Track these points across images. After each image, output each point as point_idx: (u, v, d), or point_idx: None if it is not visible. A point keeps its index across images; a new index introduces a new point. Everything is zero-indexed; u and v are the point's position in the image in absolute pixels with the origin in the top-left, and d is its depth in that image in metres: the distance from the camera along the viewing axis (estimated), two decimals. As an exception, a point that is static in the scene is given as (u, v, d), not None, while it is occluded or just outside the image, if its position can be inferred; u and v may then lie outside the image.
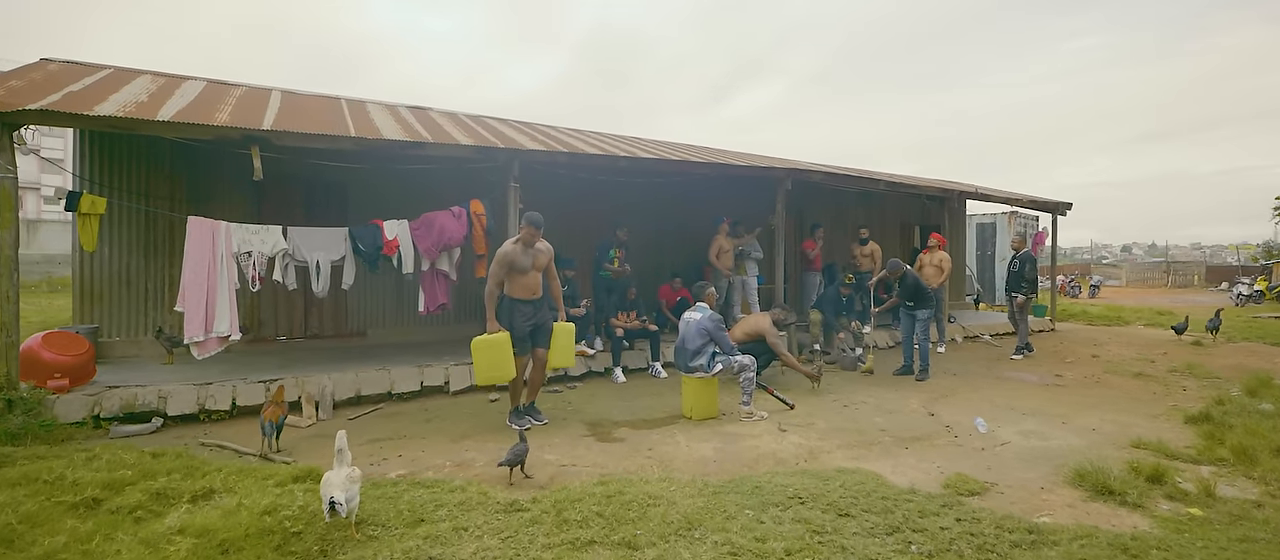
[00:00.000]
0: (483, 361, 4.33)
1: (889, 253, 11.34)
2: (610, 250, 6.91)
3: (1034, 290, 8.39)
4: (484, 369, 4.33)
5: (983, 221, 15.70)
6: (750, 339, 6.00)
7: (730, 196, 9.46)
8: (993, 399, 5.79)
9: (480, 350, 4.33)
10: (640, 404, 5.40)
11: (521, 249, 4.47)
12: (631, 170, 7.41)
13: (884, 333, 9.03)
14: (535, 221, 4.47)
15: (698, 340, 4.80)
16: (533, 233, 4.46)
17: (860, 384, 6.39)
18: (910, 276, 6.90)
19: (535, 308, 4.55)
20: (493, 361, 4.34)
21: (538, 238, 4.50)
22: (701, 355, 4.79)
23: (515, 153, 5.96)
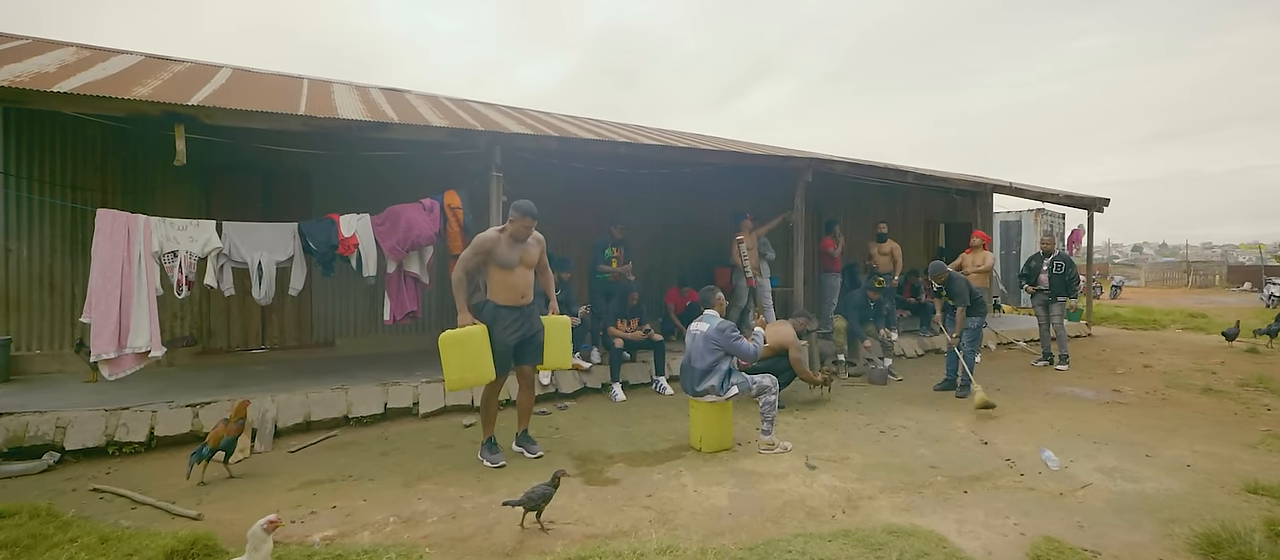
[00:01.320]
0: (454, 360, 3.55)
1: (911, 252, 10.51)
2: (606, 249, 6.10)
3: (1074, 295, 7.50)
4: (456, 369, 3.55)
5: (1007, 220, 14.80)
6: (772, 353, 5.18)
7: (744, 191, 8.66)
8: (1051, 421, 4.95)
9: (451, 347, 3.55)
10: (641, 430, 4.60)
11: (507, 241, 3.67)
12: (633, 159, 6.62)
13: (911, 339, 8.19)
14: (526, 210, 3.66)
15: (707, 357, 3.99)
16: (524, 224, 3.66)
17: (894, 402, 5.56)
18: (958, 280, 6.06)
19: (523, 316, 3.76)
20: (466, 360, 3.56)
21: (529, 231, 3.70)
22: (712, 375, 3.98)
23: (496, 136, 5.17)
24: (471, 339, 3.57)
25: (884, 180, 8.59)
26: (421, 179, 5.69)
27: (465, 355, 3.56)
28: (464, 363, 3.56)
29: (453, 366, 3.55)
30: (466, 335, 3.56)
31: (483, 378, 3.62)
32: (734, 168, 7.74)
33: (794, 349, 5.13)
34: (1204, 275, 29.86)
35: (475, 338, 3.58)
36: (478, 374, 3.60)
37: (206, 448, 3.50)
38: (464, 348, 3.56)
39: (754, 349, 3.99)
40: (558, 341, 3.93)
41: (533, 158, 6.31)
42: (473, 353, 3.57)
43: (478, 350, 3.58)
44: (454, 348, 3.55)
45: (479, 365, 3.59)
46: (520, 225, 3.65)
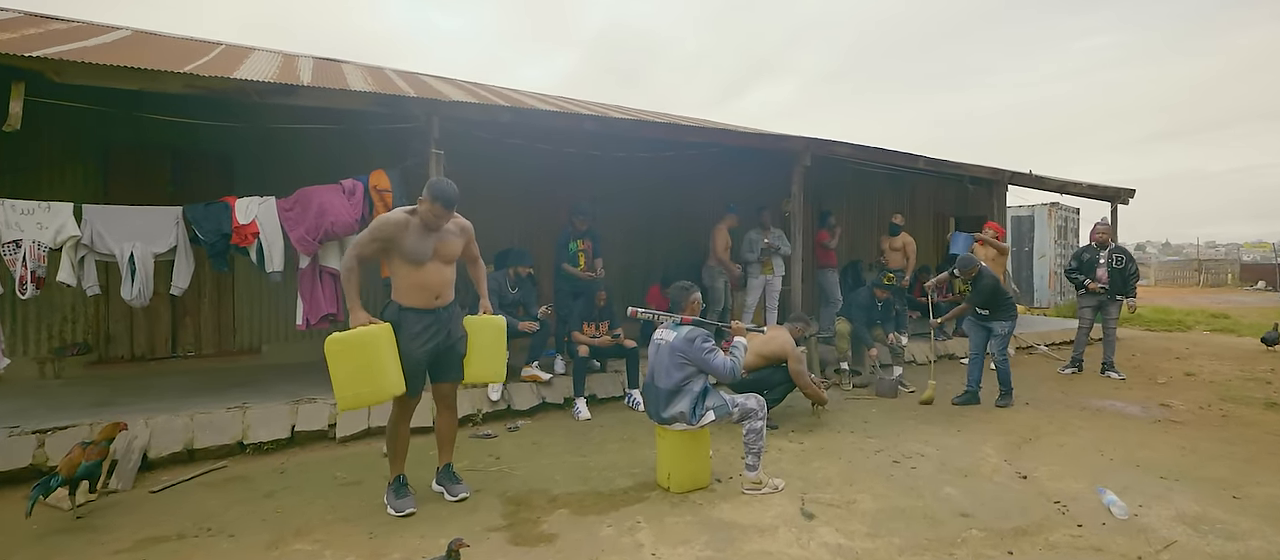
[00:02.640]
0: (345, 372, 2.70)
1: (919, 248, 9.66)
2: (570, 242, 5.26)
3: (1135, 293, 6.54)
4: (348, 383, 2.70)
5: (1019, 214, 13.96)
6: (767, 363, 4.36)
7: (737, 179, 7.82)
8: (1099, 446, 4.11)
9: (341, 354, 2.70)
10: (601, 459, 3.77)
11: (418, 228, 2.85)
12: (607, 140, 5.79)
13: (921, 344, 7.34)
14: (441, 194, 2.81)
15: (674, 375, 3.16)
16: (434, 212, 2.82)
17: (907, 420, 4.72)
18: (988, 277, 5.23)
19: (437, 321, 2.94)
20: (362, 370, 2.70)
21: (446, 217, 2.87)
22: (680, 397, 3.14)
23: (434, 106, 4.34)
24: (368, 342, 2.73)
25: (891, 167, 7.76)
26: (363, 160, 4.86)
27: (361, 364, 2.71)
28: (359, 374, 2.71)
29: (344, 380, 2.70)
30: (361, 338, 2.72)
31: (385, 392, 2.78)
32: (724, 153, 6.91)
33: (793, 359, 4.29)
34: (1216, 274, 29.13)
35: (373, 341, 2.74)
36: (377, 388, 2.75)
37: (57, 478, 2.75)
38: (359, 354, 2.71)
39: (732, 365, 3.15)
40: (487, 347, 3.10)
41: (490, 137, 5.49)
42: (370, 360, 2.72)
43: (377, 357, 2.73)
44: (345, 355, 2.70)
45: (379, 377, 2.74)
46: (431, 212, 2.81)
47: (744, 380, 4.30)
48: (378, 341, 2.75)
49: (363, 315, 2.79)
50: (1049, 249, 13.86)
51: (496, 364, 3.16)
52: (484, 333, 3.11)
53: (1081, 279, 6.39)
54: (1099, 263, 6.32)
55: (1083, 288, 6.39)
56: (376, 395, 2.78)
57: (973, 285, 5.29)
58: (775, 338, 4.39)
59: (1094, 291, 6.31)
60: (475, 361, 3.08)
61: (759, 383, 4.37)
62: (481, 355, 3.10)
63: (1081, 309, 6.46)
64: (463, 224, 3.04)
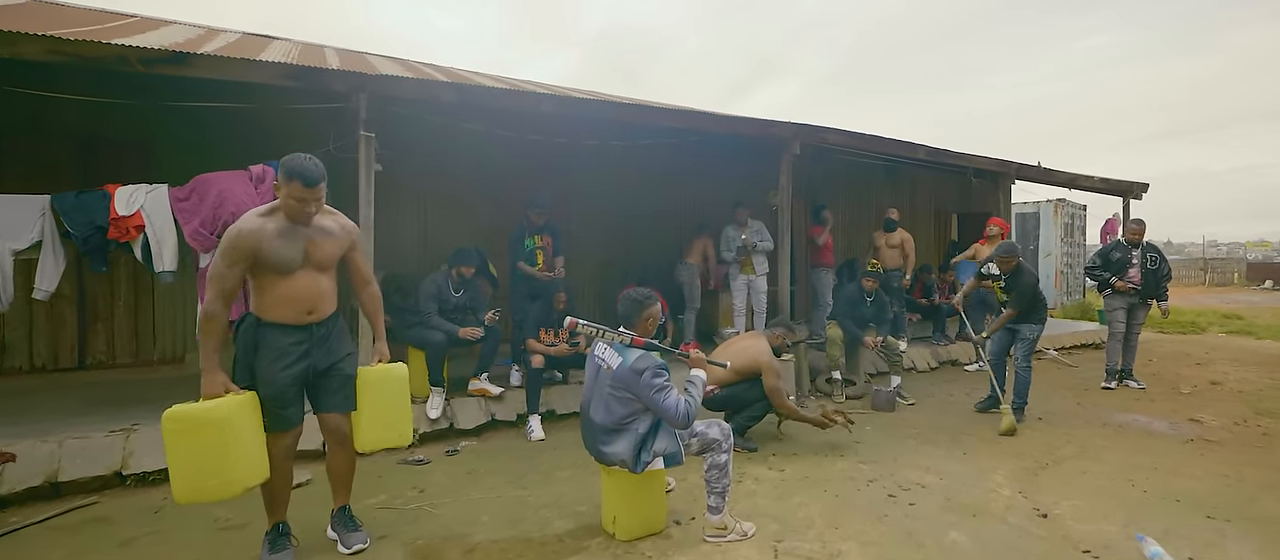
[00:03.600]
0: (183, 458, 2.08)
1: (920, 246, 9.08)
2: (526, 239, 4.69)
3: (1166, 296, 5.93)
4: (188, 472, 2.08)
5: (1023, 211, 13.40)
6: (740, 378, 3.77)
7: (725, 172, 7.26)
8: (1128, 473, 3.53)
9: (178, 435, 2.08)
10: (544, 493, 3.20)
11: (282, 227, 2.27)
12: (572, 122, 5.21)
13: (923, 349, 6.77)
14: (298, 170, 2.23)
15: (614, 409, 2.57)
16: (298, 194, 2.24)
17: (906, 439, 4.15)
18: (1028, 273, 4.65)
19: (310, 339, 2.36)
20: (206, 458, 2.09)
21: (312, 201, 2.28)
22: (621, 436, 2.56)
23: (360, 81, 3.77)
24: (217, 424, 2.08)
25: (889, 159, 7.17)
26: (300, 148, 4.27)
27: (206, 449, 2.07)
28: (203, 462, 2.07)
29: (183, 468, 2.07)
30: (208, 418, 2.07)
31: (238, 484, 2.14)
32: (709, 145, 6.33)
33: (770, 373, 3.71)
34: (1222, 273, 28.65)
35: (224, 423, 2.09)
36: (226, 480, 2.10)
37: None
38: (203, 438, 2.07)
39: (686, 410, 2.49)
40: (383, 406, 2.49)
41: (442, 122, 4.93)
42: (219, 446, 2.08)
43: (230, 441, 2.10)
44: (184, 437, 2.06)
45: (231, 465, 2.10)
46: (291, 197, 2.23)
47: (714, 398, 3.73)
48: (231, 422, 2.11)
49: (218, 379, 2.18)
50: (1055, 247, 13.29)
51: (398, 425, 2.55)
52: (379, 388, 2.49)
53: (1107, 277, 5.79)
54: (1131, 262, 5.72)
55: (1108, 287, 5.79)
56: (225, 489, 2.12)
57: (1009, 284, 4.68)
58: (750, 347, 3.81)
59: (1122, 292, 5.72)
60: (368, 424, 2.47)
61: (731, 402, 3.80)
62: (376, 416, 2.48)
63: (1112, 312, 5.83)
64: (346, 225, 2.47)
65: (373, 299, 2.61)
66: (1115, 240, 6.02)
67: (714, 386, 3.80)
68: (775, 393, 3.69)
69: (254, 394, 2.26)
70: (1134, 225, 5.90)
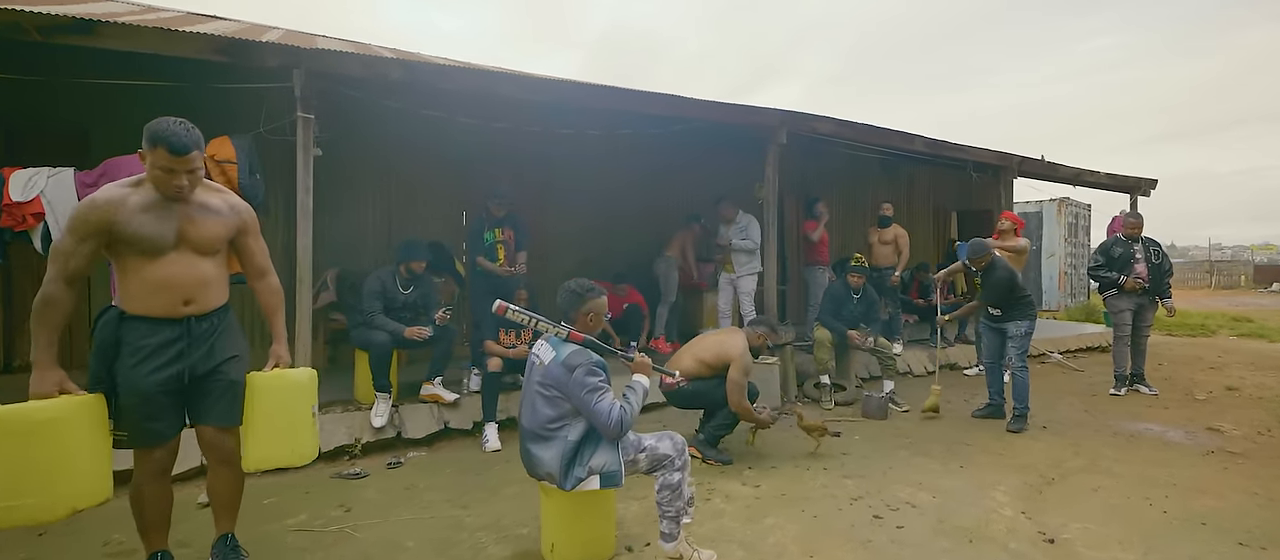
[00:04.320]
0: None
1: (917, 245, 8.72)
2: (486, 232, 4.34)
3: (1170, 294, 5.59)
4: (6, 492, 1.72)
5: (1026, 210, 13.01)
6: (712, 373, 3.47)
7: (712, 166, 6.93)
8: (1143, 489, 3.17)
9: None
10: (484, 513, 2.84)
11: (148, 200, 1.93)
12: (534, 106, 4.85)
13: (918, 353, 6.41)
14: (164, 135, 1.86)
15: (541, 410, 2.22)
16: (165, 162, 1.88)
17: (897, 450, 3.78)
18: (1002, 268, 4.34)
19: (186, 336, 2.00)
20: (20, 469, 1.72)
21: (180, 173, 1.92)
22: (549, 444, 2.20)
23: (294, 55, 3.43)
24: (39, 430, 1.74)
25: (885, 151, 6.82)
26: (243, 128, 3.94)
27: (27, 458, 1.72)
28: (24, 473, 1.72)
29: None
30: (29, 421, 1.73)
31: (66, 504, 1.79)
32: (694, 136, 5.99)
33: (736, 367, 3.37)
34: (1228, 276, 28.27)
35: (51, 429, 1.76)
36: (52, 499, 1.76)
37: None
38: (24, 444, 1.72)
39: (620, 417, 2.14)
40: (275, 418, 2.12)
41: (402, 108, 4.60)
42: (44, 456, 1.74)
43: (58, 451, 1.76)
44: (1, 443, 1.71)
45: (58, 482, 1.76)
46: (159, 165, 1.87)
47: (681, 392, 3.39)
48: (59, 429, 1.76)
49: (50, 377, 1.83)
50: (1059, 248, 12.91)
51: (295, 441, 2.16)
52: (270, 397, 2.12)
53: (1114, 277, 5.40)
54: (1135, 257, 5.34)
55: (1114, 287, 5.40)
56: (47, 510, 1.75)
57: (983, 278, 4.40)
58: (724, 340, 3.51)
59: (1130, 291, 5.33)
60: (256, 439, 2.10)
61: (699, 398, 3.49)
62: (266, 429, 2.10)
63: (1118, 313, 5.43)
64: (236, 204, 2.13)
65: (271, 292, 2.26)
66: (1114, 236, 5.64)
67: (682, 379, 3.49)
68: (734, 387, 3.37)
69: (99, 398, 1.92)
70: (1131, 219, 5.53)
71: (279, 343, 2.25)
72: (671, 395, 3.54)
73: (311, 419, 2.25)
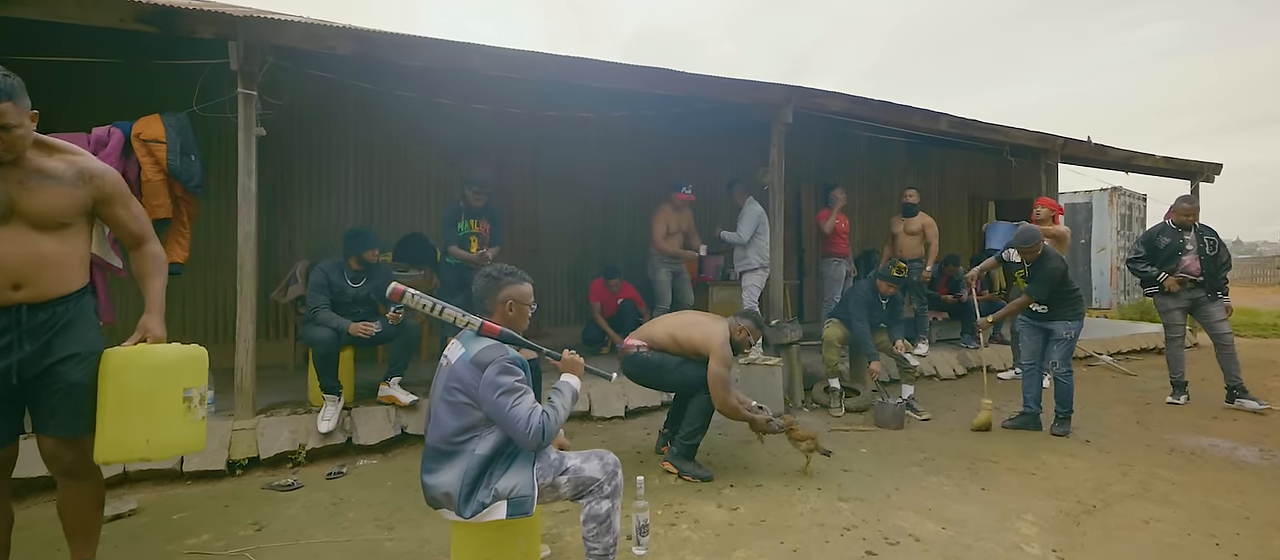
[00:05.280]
0: None
1: (949, 238, 8.06)
2: (460, 222, 3.99)
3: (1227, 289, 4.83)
4: None
5: (1074, 200, 12.07)
6: (680, 353, 3.16)
7: (717, 151, 6.49)
8: (1208, 523, 2.60)
9: None
10: (411, 537, 2.49)
11: None
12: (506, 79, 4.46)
13: (949, 353, 5.81)
14: None
15: (445, 421, 1.84)
16: None
17: (908, 466, 3.27)
18: (1055, 259, 3.80)
19: (19, 328, 1.69)
20: None
21: (16, 122, 1.63)
22: (455, 458, 1.82)
23: (232, 24, 3.15)
24: None
25: (908, 132, 6.23)
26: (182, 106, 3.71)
27: None
28: None
29: None
30: None
31: None
32: (695, 118, 5.56)
33: (717, 359, 2.96)
34: (1300, 272, 26.12)
35: None
36: None
37: None
38: None
39: (539, 426, 1.75)
40: (132, 404, 1.78)
41: (375, 89, 4.32)
42: None
43: None
44: None
45: None
46: None
47: (640, 358, 3.08)
48: None
49: None
50: (1110, 241, 11.91)
51: (157, 430, 1.81)
52: (123, 378, 1.78)
53: (1153, 273, 4.70)
54: (1185, 248, 4.62)
55: (1155, 284, 4.67)
56: None
57: (1031, 271, 3.82)
58: (704, 324, 3.13)
59: (1174, 290, 4.62)
60: (106, 427, 1.76)
61: (656, 373, 3.16)
62: (120, 416, 1.77)
63: (1167, 313, 4.71)
64: (89, 168, 1.82)
65: (147, 258, 1.94)
66: (1162, 224, 4.90)
67: (644, 343, 3.17)
68: (717, 382, 2.97)
69: None
70: (1184, 204, 4.73)
71: (150, 313, 1.91)
72: (629, 362, 3.20)
73: (184, 406, 1.90)
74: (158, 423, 1.82)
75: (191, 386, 1.92)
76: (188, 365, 1.92)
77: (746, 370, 4.25)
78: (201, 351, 1.99)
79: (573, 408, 1.90)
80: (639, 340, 3.20)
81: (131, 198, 1.94)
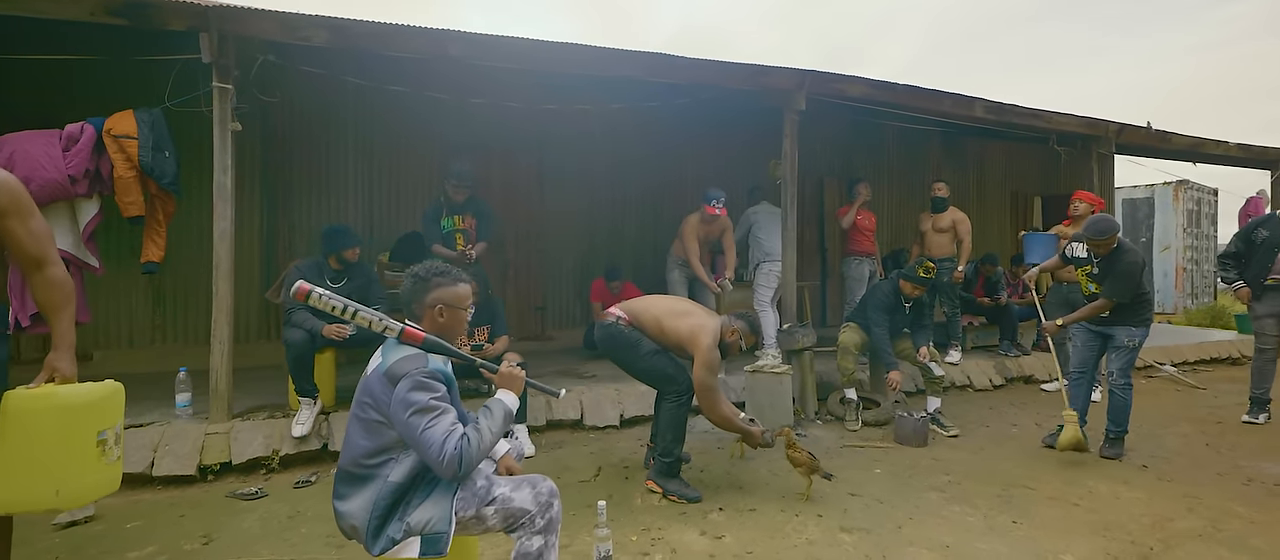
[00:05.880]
0: None
1: (989, 236, 7.51)
2: (443, 219, 3.82)
3: None
4: None
5: (1134, 195, 11.17)
6: (659, 339, 2.89)
7: (732, 145, 6.18)
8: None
9: None
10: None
11: None
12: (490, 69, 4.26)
13: (985, 360, 5.32)
14: None
15: (359, 441, 1.61)
16: None
17: (925, 490, 2.90)
18: (1133, 254, 3.33)
19: None
20: None
21: None
22: (361, 487, 1.60)
23: (203, 15, 3.04)
24: None
25: (941, 121, 5.75)
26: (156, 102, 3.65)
27: None
28: None
29: None
30: None
31: None
32: (706, 110, 5.29)
33: (702, 364, 2.70)
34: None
35: None
36: None
37: None
38: None
39: (457, 450, 1.49)
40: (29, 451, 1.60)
41: (367, 85, 4.23)
42: None
43: None
44: None
45: None
46: None
47: (611, 330, 2.89)
48: None
49: None
50: (1175, 240, 10.95)
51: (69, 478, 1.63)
52: (21, 424, 1.59)
53: (1231, 278, 4.13)
54: None
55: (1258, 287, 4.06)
56: None
57: (1103, 268, 3.36)
58: (698, 321, 2.82)
59: (1244, 301, 4.04)
60: (19, 475, 1.59)
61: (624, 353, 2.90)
62: (20, 464, 1.59)
63: (1259, 320, 4.07)
64: None
65: (49, 287, 1.72)
66: (1260, 215, 4.30)
67: (626, 318, 2.91)
68: (705, 390, 2.69)
69: None
70: (1259, 197, 4.13)
71: (58, 350, 1.74)
72: (601, 330, 2.95)
73: (98, 450, 1.74)
74: (69, 470, 1.65)
75: (106, 427, 1.76)
76: (102, 405, 1.75)
77: (752, 378, 3.93)
78: (117, 388, 1.82)
79: (504, 430, 1.64)
80: (621, 312, 2.93)
81: (33, 212, 1.71)
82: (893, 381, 3.81)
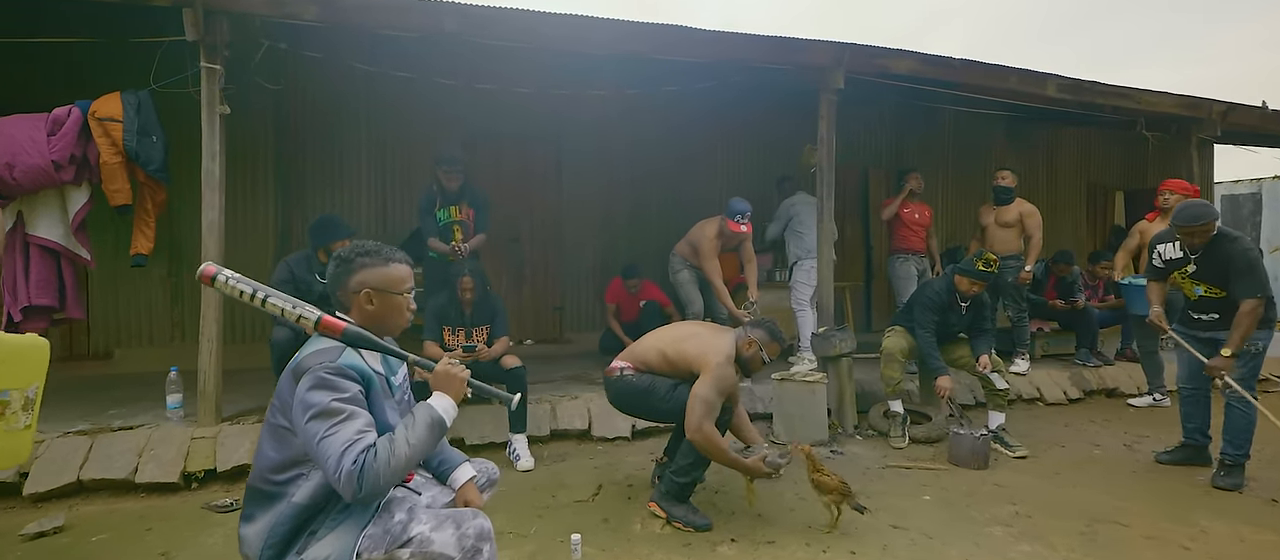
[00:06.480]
0: None
1: (1063, 234, 6.73)
2: (438, 210, 3.57)
3: None
4: None
5: (1235, 191, 9.94)
6: (671, 372, 2.52)
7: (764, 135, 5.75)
8: None
9: None
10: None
11: None
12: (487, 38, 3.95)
13: (1058, 370, 4.65)
14: None
15: (268, 454, 1.33)
16: None
17: (983, 523, 2.40)
18: (1239, 241, 2.79)
19: None
20: None
21: None
22: (268, 505, 1.31)
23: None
24: None
25: (1003, 100, 5.10)
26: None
27: None
28: None
29: None
30: None
31: None
32: (734, 96, 4.88)
33: (706, 381, 2.33)
34: None
35: None
36: None
37: None
38: None
39: (355, 465, 1.18)
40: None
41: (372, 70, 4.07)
42: None
43: None
44: None
45: None
46: None
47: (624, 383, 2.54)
48: None
49: None
50: (1284, 237, 9.66)
51: None
52: None
53: None
54: None
55: None
56: None
57: (1205, 263, 2.82)
58: (706, 339, 2.47)
59: None
60: None
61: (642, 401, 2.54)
62: None
63: None
64: None
65: None
66: None
67: (631, 365, 2.58)
68: (696, 402, 2.28)
69: None
70: None
71: None
72: (610, 387, 2.63)
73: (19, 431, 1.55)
74: None
75: (11, 387, 1.56)
76: (10, 361, 1.57)
77: (781, 388, 3.48)
78: (36, 344, 1.63)
79: (431, 444, 1.30)
80: (624, 362, 2.61)
81: None
82: (942, 387, 3.28)
